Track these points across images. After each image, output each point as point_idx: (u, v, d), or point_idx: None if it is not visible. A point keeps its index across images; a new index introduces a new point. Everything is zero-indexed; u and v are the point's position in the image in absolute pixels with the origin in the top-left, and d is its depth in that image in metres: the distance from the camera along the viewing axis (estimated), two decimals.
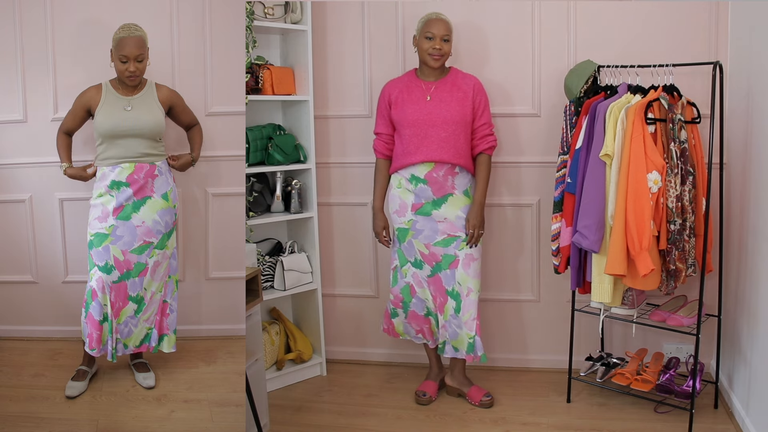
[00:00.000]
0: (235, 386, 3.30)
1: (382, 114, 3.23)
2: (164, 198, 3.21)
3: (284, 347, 3.66)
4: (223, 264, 3.85)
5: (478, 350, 3.20)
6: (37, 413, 3.03)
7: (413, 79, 3.19)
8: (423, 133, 3.10)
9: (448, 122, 3.08)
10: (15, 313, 3.81)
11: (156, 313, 3.29)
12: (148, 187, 3.17)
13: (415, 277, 3.27)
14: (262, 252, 3.63)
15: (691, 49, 3.26)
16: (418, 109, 3.11)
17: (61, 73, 3.60)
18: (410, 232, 3.21)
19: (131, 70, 3.06)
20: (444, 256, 3.18)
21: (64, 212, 3.72)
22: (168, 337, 3.34)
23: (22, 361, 3.55)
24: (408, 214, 3.20)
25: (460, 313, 3.19)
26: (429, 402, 3.31)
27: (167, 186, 3.23)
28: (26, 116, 3.64)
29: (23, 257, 3.77)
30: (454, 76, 3.17)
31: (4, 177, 3.70)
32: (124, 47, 3.04)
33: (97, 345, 3.14)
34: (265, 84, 3.41)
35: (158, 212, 3.19)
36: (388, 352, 3.79)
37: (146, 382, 3.28)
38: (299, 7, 3.45)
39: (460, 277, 3.17)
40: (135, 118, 3.11)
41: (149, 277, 3.23)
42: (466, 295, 3.17)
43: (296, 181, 3.54)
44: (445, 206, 3.15)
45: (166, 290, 3.32)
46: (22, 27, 3.57)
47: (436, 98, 3.12)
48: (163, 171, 3.23)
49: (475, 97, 3.13)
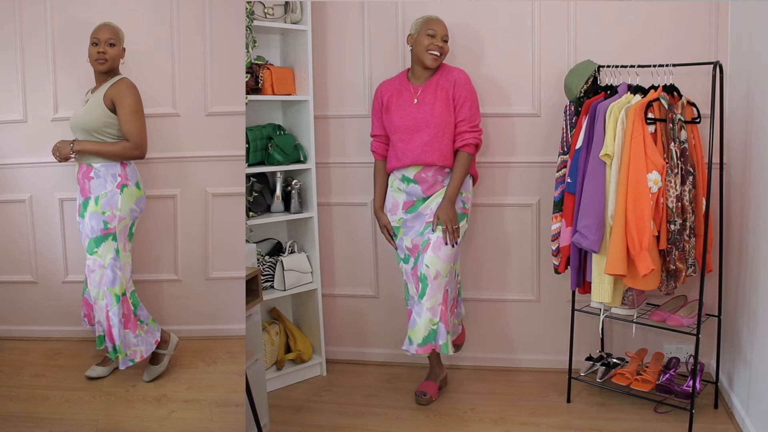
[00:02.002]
0: (235, 386, 3.30)
1: (377, 115, 3.25)
2: (95, 202, 3.11)
3: (284, 347, 3.66)
4: (223, 264, 3.85)
5: (439, 339, 3.09)
6: (37, 413, 3.03)
7: (404, 81, 3.20)
8: (408, 137, 3.11)
9: (431, 125, 3.07)
10: (15, 313, 3.81)
11: (105, 321, 3.16)
12: (86, 188, 3.14)
13: (405, 272, 3.27)
14: (262, 252, 3.63)
15: (691, 49, 3.26)
16: (404, 114, 3.12)
17: (61, 73, 3.60)
18: (401, 230, 3.23)
19: (100, 51, 3.07)
20: (422, 243, 3.16)
21: (64, 212, 3.72)
22: (116, 346, 3.18)
23: (22, 361, 3.55)
24: (399, 212, 3.22)
25: (423, 299, 3.09)
26: (429, 402, 3.31)
27: (102, 189, 3.10)
28: (26, 116, 3.64)
29: (23, 257, 3.77)
30: (439, 75, 3.13)
31: (4, 177, 3.70)
32: (97, 31, 3.10)
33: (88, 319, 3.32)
34: (265, 84, 3.41)
35: (88, 215, 3.13)
36: (388, 352, 3.79)
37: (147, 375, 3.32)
38: (299, 7, 3.45)
39: (429, 260, 3.09)
40: (79, 115, 3.12)
41: (87, 276, 3.19)
42: (433, 278, 3.08)
43: (296, 181, 3.54)
44: (433, 197, 3.17)
45: (107, 300, 3.14)
46: (22, 26, 3.57)
47: (422, 100, 3.11)
48: (101, 174, 3.10)
49: (456, 92, 3.08)
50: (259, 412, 2.84)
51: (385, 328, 3.77)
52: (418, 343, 3.09)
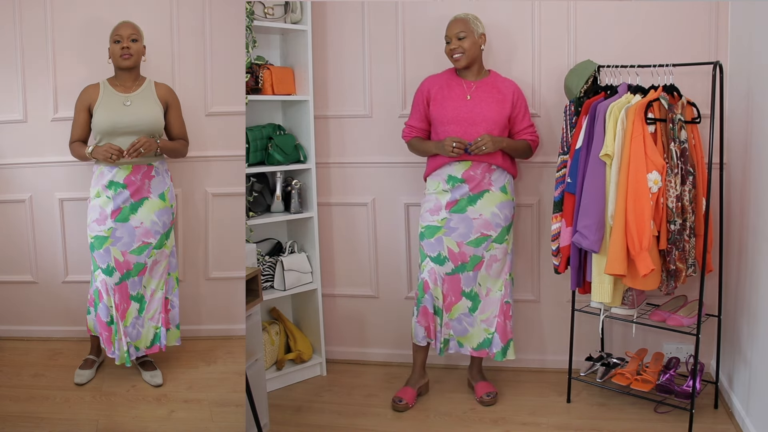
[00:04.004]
0: (235, 386, 3.30)
1: (417, 108, 3.25)
2: (161, 198, 3.22)
3: (284, 347, 3.66)
4: (223, 264, 3.85)
5: (494, 347, 3.25)
6: (38, 413, 3.03)
7: (453, 77, 3.22)
8: (462, 130, 3.11)
9: (488, 121, 3.11)
10: (15, 313, 3.81)
11: (160, 311, 3.29)
12: (145, 188, 3.18)
13: (431, 273, 3.24)
14: (262, 252, 3.63)
15: (691, 49, 3.26)
16: (458, 106, 3.14)
17: (62, 72, 3.60)
18: (441, 230, 3.20)
19: (125, 46, 3.09)
20: (472, 257, 3.20)
21: (64, 212, 3.72)
22: (171, 332, 3.36)
23: (22, 361, 3.55)
24: (442, 212, 3.20)
25: (475, 312, 3.25)
26: (405, 408, 3.26)
27: (164, 186, 3.24)
28: (26, 116, 3.64)
29: (23, 257, 3.77)
30: (494, 78, 3.21)
31: (4, 177, 3.70)
32: (118, 29, 3.12)
33: (107, 345, 3.22)
34: (265, 84, 3.41)
35: (156, 213, 3.20)
36: (388, 352, 3.79)
37: (154, 380, 3.29)
38: (299, 7, 3.45)
39: (481, 278, 3.23)
40: (134, 115, 3.11)
41: (148, 275, 3.24)
42: (485, 295, 3.25)
43: (296, 181, 3.54)
44: (481, 202, 3.16)
45: (167, 287, 3.33)
46: (22, 26, 3.57)
47: (476, 98, 3.14)
48: (160, 171, 3.24)
49: (516, 101, 3.18)
50: (259, 412, 2.84)
51: (385, 328, 3.78)
52: (472, 347, 3.30)
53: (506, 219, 3.21)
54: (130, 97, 3.14)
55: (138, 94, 3.16)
